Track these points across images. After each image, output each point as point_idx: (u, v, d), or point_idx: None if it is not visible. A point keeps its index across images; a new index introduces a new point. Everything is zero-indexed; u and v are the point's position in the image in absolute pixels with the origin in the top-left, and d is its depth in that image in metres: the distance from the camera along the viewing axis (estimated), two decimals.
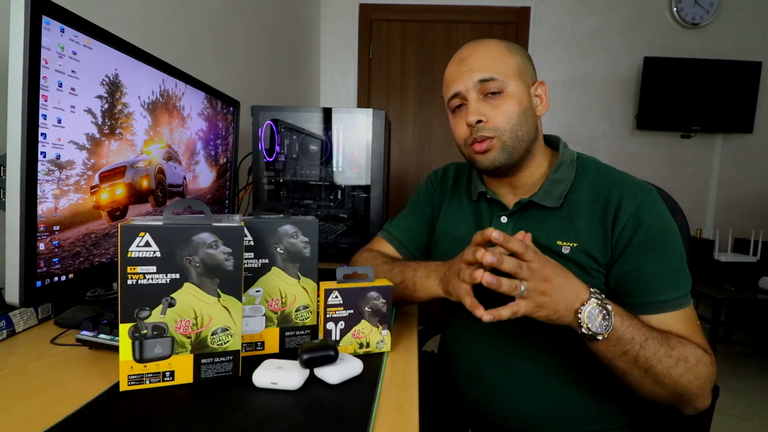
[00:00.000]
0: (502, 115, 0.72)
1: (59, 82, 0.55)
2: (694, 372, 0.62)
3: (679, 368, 0.61)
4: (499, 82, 0.72)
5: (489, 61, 0.73)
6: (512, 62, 0.74)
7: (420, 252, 0.93)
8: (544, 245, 0.72)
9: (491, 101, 0.73)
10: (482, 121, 0.72)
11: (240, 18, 1.72)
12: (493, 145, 0.73)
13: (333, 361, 0.56)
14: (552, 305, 0.58)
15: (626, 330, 0.60)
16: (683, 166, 2.90)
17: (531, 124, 0.75)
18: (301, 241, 0.64)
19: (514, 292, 0.56)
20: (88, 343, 0.62)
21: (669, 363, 0.61)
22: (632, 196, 0.69)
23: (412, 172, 3.00)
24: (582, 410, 0.73)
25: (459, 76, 0.75)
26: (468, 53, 0.76)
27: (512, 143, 0.73)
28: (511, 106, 0.72)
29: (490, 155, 0.74)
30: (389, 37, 2.94)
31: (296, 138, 1.22)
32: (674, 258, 0.68)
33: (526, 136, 0.74)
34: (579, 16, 2.85)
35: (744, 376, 2.30)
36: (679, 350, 0.62)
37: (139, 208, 0.74)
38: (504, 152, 0.73)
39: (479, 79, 0.73)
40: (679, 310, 0.66)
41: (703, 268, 2.58)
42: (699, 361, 0.62)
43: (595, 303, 0.59)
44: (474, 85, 0.73)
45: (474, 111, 0.73)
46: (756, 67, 2.74)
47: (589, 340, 0.60)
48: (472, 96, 0.74)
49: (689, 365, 0.61)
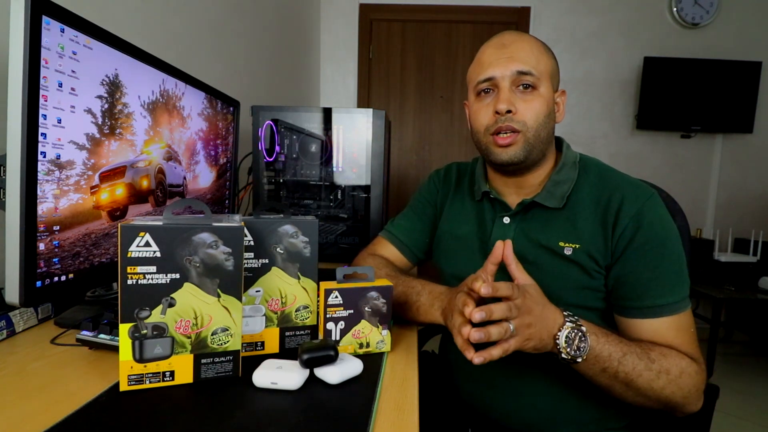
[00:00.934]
0: (531, 111, 0.71)
1: (59, 82, 0.55)
2: (676, 384, 0.62)
3: (660, 381, 0.62)
4: (535, 78, 0.71)
5: (530, 54, 0.72)
6: (548, 63, 0.74)
7: (422, 253, 0.93)
8: (546, 246, 0.72)
9: (523, 95, 0.72)
10: (512, 111, 0.71)
11: (240, 18, 1.72)
12: (516, 140, 0.72)
13: (333, 361, 0.56)
14: (537, 335, 0.59)
15: (603, 348, 0.61)
16: (683, 166, 2.90)
17: (551, 128, 0.75)
18: (301, 241, 0.64)
19: (505, 335, 0.55)
20: (88, 343, 0.62)
21: (650, 376, 0.61)
22: (633, 198, 0.69)
23: (412, 172, 3.00)
24: (582, 410, 0.73)
25: (497, 61, 0.72)
26: (510, 41, 0.73)
27: (534, 142, 0.72)
28: (541, 105, 0.72)
29: (511, 150, 0.72)
30: (389, 37, 2.94)
31: (296, 138, 1.22)
32: (672, 262, 0.67)
33: (546, 138, 0.73)
34: (579, 16, 2.85)
35: (744, 376, 2.30)
36: (660, 363, 0.62)
37: (139, 208, 0.74)
38: (524, 150, 0.72)
39: (518, 69, 0.71)
40: (674, 316, 0.66)
41: (703, 268, 2.58)
42: (682, 372, 0.63)
43: (570, 327, 0.60)
44: (511, 74, 0.71)
45: (506, 99, 0.71)
46: (756, 67, 2.74)
47: (570, 364, 0.61)
48: (505, 84, 0.72)
49: (671, 377, 0.62)
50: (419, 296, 0.75)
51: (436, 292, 0.74)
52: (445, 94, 2.95)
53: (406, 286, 0.78)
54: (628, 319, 0.68)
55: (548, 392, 0.73)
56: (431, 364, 0.96)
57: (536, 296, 0.60)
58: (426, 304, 0.74)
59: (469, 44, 2.90)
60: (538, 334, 0.58)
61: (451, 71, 2.93)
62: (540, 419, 0.74)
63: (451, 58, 2.92)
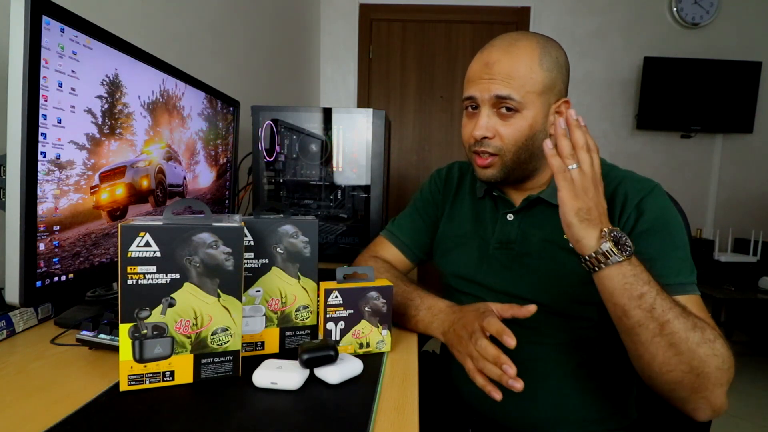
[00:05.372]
0: (510, 135, 0.70)
1: (59, 82, 0.55)
2: (712, 346, 0.54)
3: (696, 335, 0.54)
4: (517, 103, 0.69)
5: (514, 75, 0.69)
6: (539, 78, 0.69)
7: (423, 252, 0.93)
8: (550, 240, 0.73)
9: (504, 116, 0.71)
10: (487, 137, 0.71)
11: (240, 18, 1.72)
12: (494, 163, 0.72)
13: (333, 361, 0.56)
14: (589, 202, 0.55)
15: (643, 270, 0.56)
16: (683, 166, 2.90)
17: (538, 147, 0.72)
18: (301, 241, 0.64)
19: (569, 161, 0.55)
20: (88, 343, 0.62)
21: (686, 324, 0.54)
22: (636, 190, 0.70)
23: (412, 172, 3.00)
24: (583, 411, 0.73)
25: (479, 81, 0.71)
26: (495, 59, 0.70)
27: (512, 165, 0.72)
28: (522, 129, 0.70)
29: (488, 171, 0.74)
30: (389, 37, 2.94)
31: (296, 138, 1.22)
32: (677, 246, 0.66)
33: (528, 158, 0.73)
34: (579, 16, 2.85)
35: (744, 376, 2.30)
36: (694, 320, 0.55)
37: (139, 208, 0.74)
38: (502, 172, 0.73)
39: (497, 94, 0.69)
40: (686, 296, 0.62)
41: (703, 268, 2.57)
42: (717, 338, 0.56)
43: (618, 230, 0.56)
44: (490, 97, 0.70)
45: (482, 126, 0.71)
46: (756, 67, 2.74)
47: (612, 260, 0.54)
48: (485, 109, 0.71)
49: (707, 336, 0.55)
50: (417, 311, 0.75)
51: (435, 309, 0.73)
52: (445, 94, 2.95)
53: (405, 297, 0.77)
54: None
55: (549, 393, 0.73)
56: (431, 364, 0.96)
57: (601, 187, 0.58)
58: (425, 320, 0.73)
59: (469, 44, 2.90)
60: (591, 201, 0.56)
61: (451, 71, 2.93)
62: (541, 420, 0.74)
63: (451, 58, 2.92)
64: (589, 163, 0.56)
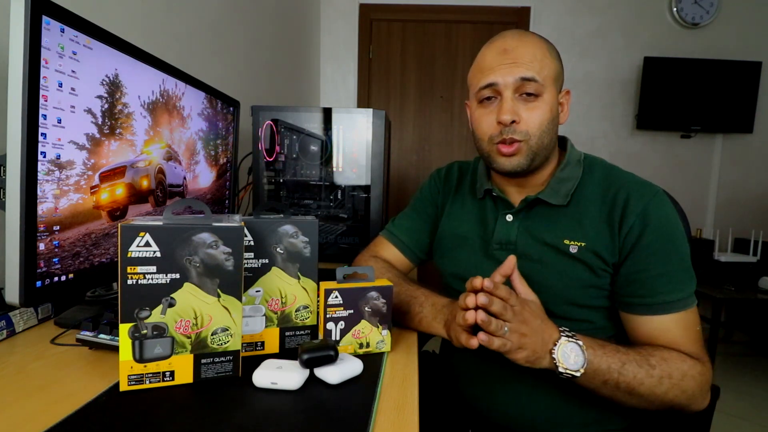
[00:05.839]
0: (535, 119, 0.70)
1: (59, 82, 0.55)
2: (679, 387, 0.62)
3: (663, 386, 0.62)
4: (539, 85, 0.69)
5: (534, 59, 0.69)
6: (552, 66, 0.71)
7: (423, 252, 0.93)
8: (551, 244, 0.72)
9: (527, 102, 0.70)
10: (515, 122, 0.70)
11: (240, 18, 1.72)
12: (520, 149, 0.71)
13: (333, 361, 0.56)
14: (531, 346, 0.60)
15: (601, 361, 0.61)
16: (683, 166, 2.90)
17: (555, 133, 0.74)
18: (301, 241, 0.64)
19: (500, 331, 0.58)
20: (88, 343, 0.62)
21: (651, 383, 0.62)
22: (639, 196, 0.69)
23: (412, 172, 3.00)
24: (583, 412, 0.73)
25: (500, 66, 0.70)
26: (513, 45, 0.70)
27: (537, 149, 0.71)
28: (545, 112, 0.70)
29: (515, 159, 0.71)
30: (389, 37, 2.94)
31: (296, 138, 1.22)
32: (681, 259, 0.68)
33: (549, 144, 0.73)
34: (579, 16, 2.85)
35: (744, 376, 2.30)
36: (661, 368, 0.62)
37: (139, 208, 0.74)
38: (528, 158, 0.71)
39: (522, 76, 0.68)
40: (682, 313, 0.66)
41: (703, 268, 2.58)
42: (685, 375, 0.63)
43: (566, 341, 0.61)
44: (515, 81, 0.69)
45: (509, 109, 0.69)
46: (756, 67, 2.74)
47: (570, 379, 0.62)
48: (508, 93, 0.70)
49: (674, 381, 0.62)
50: (422, 308, 0.75)
51: (439, 304, 0.74)
52: (445, 94, 2.95)
53: (409, 295, 0.78)
54: (635, 316, 0.69)
55: (549, 394, 0.73)
56: (431, 364, 0.96)
57: (536, 311, 0.62)
58: (429, 316, 0.74)
59: (469, 44, 2.90)
60: (531, 345, 0.59)
61: (451, 71, 2.93)
62: (541, 421, 0.74)
63: (451, 58, 2.92)
64: (511, 313, 0.59)
